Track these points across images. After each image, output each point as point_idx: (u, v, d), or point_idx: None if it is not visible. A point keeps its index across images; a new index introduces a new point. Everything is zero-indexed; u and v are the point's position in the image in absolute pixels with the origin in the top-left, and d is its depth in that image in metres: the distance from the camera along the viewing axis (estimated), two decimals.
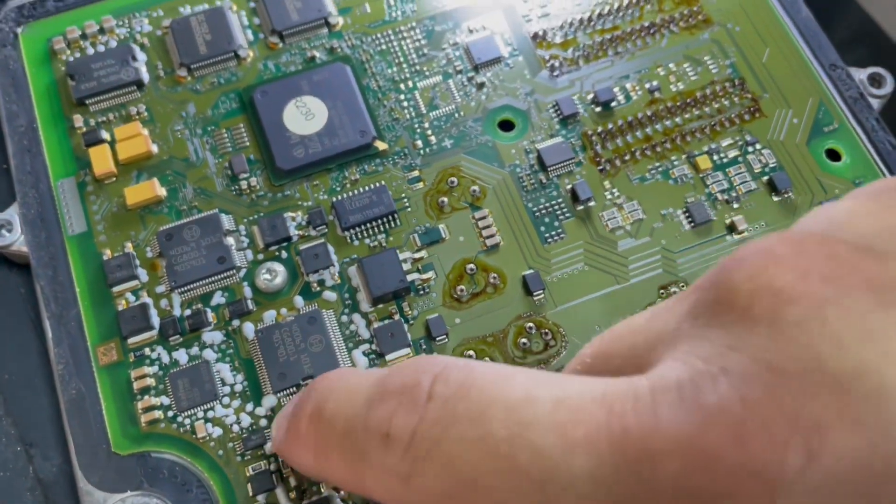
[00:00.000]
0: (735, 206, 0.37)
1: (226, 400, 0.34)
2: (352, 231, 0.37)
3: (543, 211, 0.37)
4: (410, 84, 0.40)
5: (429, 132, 0.39)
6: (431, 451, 0.23)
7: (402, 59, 0.40)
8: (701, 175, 0.38)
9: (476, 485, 0.23)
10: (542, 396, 0.23)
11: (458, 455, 0.23)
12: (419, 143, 0.39)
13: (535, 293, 0.36)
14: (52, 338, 0.35)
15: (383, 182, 0.38)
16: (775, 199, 0.37)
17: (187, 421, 0.33)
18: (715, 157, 0.38)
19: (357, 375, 0.28)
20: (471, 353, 0.35)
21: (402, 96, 0.40)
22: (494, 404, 0.23)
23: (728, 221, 0.37)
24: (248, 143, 0.39)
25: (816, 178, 0.38)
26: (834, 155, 0.39)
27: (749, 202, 0.37)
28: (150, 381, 0.34)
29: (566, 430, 0.22)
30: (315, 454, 0.28)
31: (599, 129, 0.39)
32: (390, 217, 0.37)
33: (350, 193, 0.37)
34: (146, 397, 0.34)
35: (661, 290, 0.36)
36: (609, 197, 0.37)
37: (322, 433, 0.27)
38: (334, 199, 0.37)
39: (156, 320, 0.35)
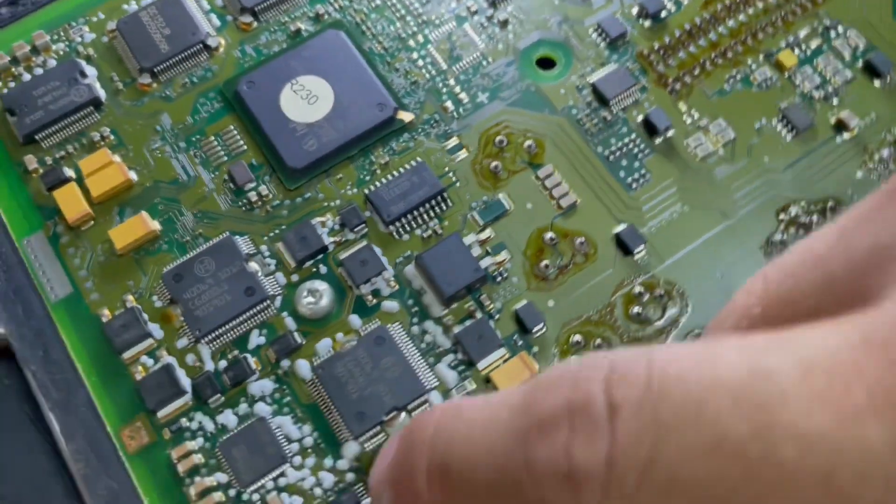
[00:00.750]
0: (835, 101, 0.31)
1: (297, 460, 0.27)
2: (397, 224, 0.30)
3: (617, 153, 0.31)
4: (421, 38, 0.33)
5: (457, 89, 0.32)
6: (645, 479, 0.17)
7: (403, 12, 0.34)
8: (787, 74, 0.32)
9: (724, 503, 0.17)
10: (774, 366, 0.17)
11: (687, 474, 0.17)
12: (449, 104, 0.32)
13: (634, 251, 0.29)
14: (60, 432, 0.28)
15: (419, 159, 0.31)
16: (877, 84, 0.32)
17: (256, 496, 0.27)
18: (797, 51, 0.32)
19: (475, 408, 0.21)
20: (578, 338, 0.28)
21: (415, 54, 0.33)
22: (712, 394, 0.17)
23: (833, 120, 0.31)
24: (245, 147, 0.32)
25: None
26: None
27: (849, 94, 0.32)
28: (198, 459, 0.27)
29: (837, 398, 0.16)
30: None
31: (656, 45, 0.33)
32: (439, 198, 0.30)
33: (384, 180, 0.31)
34: (197, 479, 0.27)
35: (781, 215, 0.30)
36: (689, 121, 0.31)
37: (457, 495, 0.21)
38: (367, 191, 0.30)
39: (186, 382, 0.28)
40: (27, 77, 0.33)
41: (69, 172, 0.31)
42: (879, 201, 0.19)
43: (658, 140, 0.31)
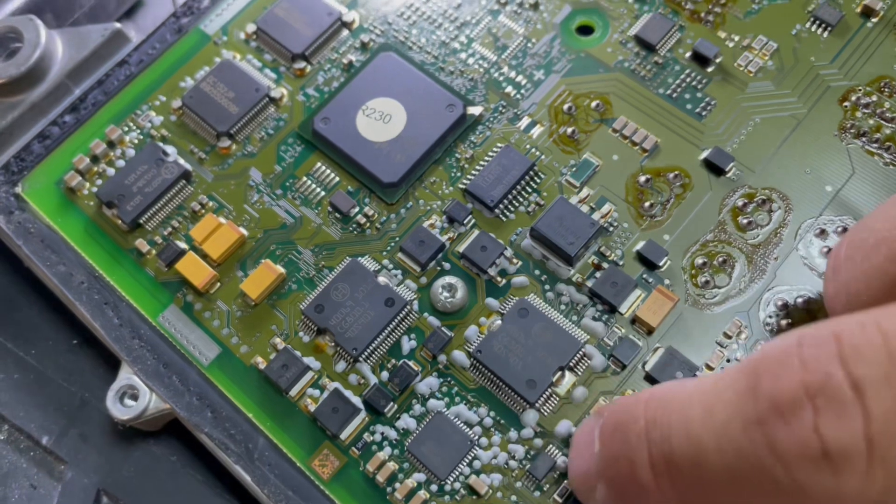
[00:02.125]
0: None
1: (483, 441, 0.28)
2: (501, 206, 0.32)
3: (678, 89, 0.33)
4: (464, 39, 0.35)
5: (512, 74, 0.34)
6: None
7: (440, 20, 0.36)
8: None
9: None
10: None
11: None
12: (509, 90, 0.34)
13: (726, 169, 0.31)
14: (253, 481, 0.29)
15: (500, 144, 0.33)
16: None
17: (458, 485, 0.28)
18: None
19: (684, 396, 0.21)
20: (702, 259, 0.30)
21: (463, 54, 0.35)
22: None
23: (858, 9, 0.33)
24: (337, 178, 0.33)
25: None
26: None
27: None
28: (393, 466, 0.28)
29: None
30: None
31: None
32: (531, 174, 0.32)
33: (474, 172, 0.32)
34: (398, 485, 0.28)
35: (845, 103, 0.32)
36: (731, 44, 0.33)
37: (689, 483, 0.21)
38: (463, 185, 0.32)
39: (356, 400, 0.29)
40: (111, 171, 0.34)
41: (182, 245, 0.32)
42: None
43: (710, 68, 0.33)
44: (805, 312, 0.29)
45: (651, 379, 0.28)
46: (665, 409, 0.21)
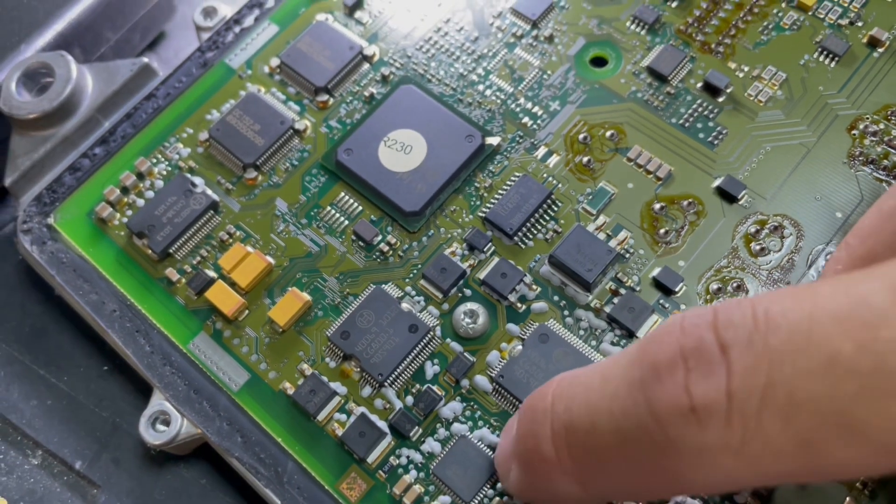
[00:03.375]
0: (860, 23, 0.35)
1: None
2: (520, 234, 0.33)
3: (690, 119, 0.34)
4: (481, 72, 0.36)
5: (529, 105, 0.35)
6: (765, 404, 0.19)
7: (458, 53, 0.37)
8: (811, 12, 0.35)
9: (844, 416, 0.18)
10: (868, 290, 0.19)
11: (805, 394, 0.18)
12: (526, 120, 0.35)
13: (738, 197, 0.32)
14: None
15: (518, 173, 0.34)
16: None
17: None
18: None
19: (588, 372, 0.23)
20: (717, 285, 0.31)
21: (481, 86, 0.36)
22: (817, 320, 0.19)
23: (865, 39, 0.35)
24: (360, 208, 0.34)
25: None
26: None
27: (870, 13, 0.35)
28: (419, 489, 0.29)
29: None
30: (582, 477, 0.23)
31: (689, 19, 0.36)
32: (549, 202, 0.33)
33: (493, 200, 0.33)
34: None
35: (853, 131, 0.33)
36: (741, 74, 0.35)
37: (585, 448, 0.22)
38: (482, 213, 0.33)
39: (382, 424, 0.30)
40: (141, 202, 0.35)
41: (211, 273, 0.33)
42: None
43: (721, 98, 0.34)
44: None
45: None
46: (570, 384, 0.23)
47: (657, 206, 0.33)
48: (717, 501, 0.28)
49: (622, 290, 0.31)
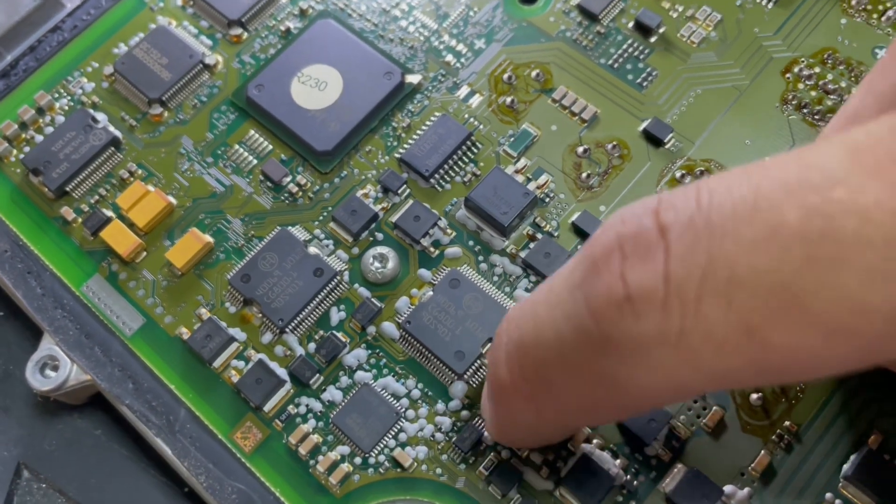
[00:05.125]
0: None
1: (410, 413, 0.28)
2: (436, 176, 0.31)
3: (620, 59, 0.32)
4: (405, 7, 0.34)
5: (453, 43, 0.33)
6: (704, 285, 0.17)
7: None
8: None
9: (789, 291, 0.16)
10: (823, 155, 0.16)
11: (747, 269, 0.16)
12: (449, 58, 0.33)
13: (664, 140, 0.31)
14: (173, 454, 0.28)
15: (438, 113, 0.32)
16: None
17: (382, 458, 0.27)
18: None
19: (539, 289, 0.22)
20: None
21: (404, 21, 0.34)
22: (763, 189, 0.17)
23: None
24: (270, 147, 0.32)
25: None
26: None
27: None
28: (316, 439, 0.27)
29: (887, 173, 0.16)
30: (535, 398, 0.21)
31: None
32: (468, 143, 0.31)
33: (411, 141, 0.31)
34: (320, 457, 0.27)
35: (787, 75, 0.31)
36: (675, 14, 0.33)
37: (534, 364, 0.21)
38: (398, 154, 0.31)
39: (281, 372, 0.28)
40: (40, 138, 0.33)
41: (108, 213, 0.31)
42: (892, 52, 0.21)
43: (653, 38, 0.33)
44: None
45: None
46: (521, 307, 0.22)
47: (580, 149, 0.31)
48: (627, 453, 0.26)
49: (539, 235, 0.30)
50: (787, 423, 0.26)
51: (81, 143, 0.32)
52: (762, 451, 0.26)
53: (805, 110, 0.31)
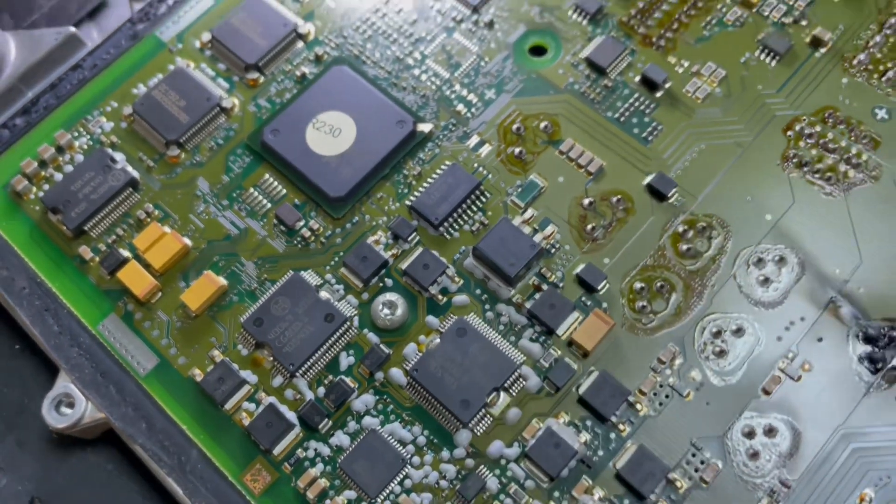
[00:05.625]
0: (804, 22, 0.34)
1: (415, 460, 0.28)
2: (445, 225, 0.32)
3: (626, 113, 0.33)
4: (418, 55, 0.35)
5: (464, 92, 0.34)
6: None
7: (395, 35, 0.36)
8: (755, 9, 0.35)
9: None
10: None
11: None
12: (460, 108, 0.34)
13: (668, 195, 0.31)
14: (184, 494, 0.29)
15: (448, 162, 0.33)
16: None
17: (388, 503, 0.28)
18: None
19: None
20: (640, 284, 0.30)
21: (417, 70, 0.35)
22: None
23: (808, 39, 0.34)
24: (284, 191, 0.33)
25: None
26: None
27: (815, 12, 0.34)
28: (324, 483, 0.28)
29: None
30: None
31: (632, 11, 0.35)
32: (477, 192, 0.32)
33: (421, 189, 0.32)
34: (328, 501, 0.28)
35: (788, 132, 0.32)
36: (681, 70, 0.34)
37: None
38: (409, 202, 0.32)
39: (291, 416, 0.29)
40: (59, 176, 0.34)
41: (125, 253, 0.32)
42: None
43: (659, 93, 0.33)
44: (738, 339, 0.29)
45: (584, 402, 0.29)
46: None
47: (586, 201, 0.32)
48: None
49: (545, 286, 0.30)
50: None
51: (100, 183, 0.33)
52: None
53: (806, 168, 0.32)
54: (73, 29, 0.37)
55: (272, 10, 0.36)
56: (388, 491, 0.28)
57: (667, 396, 0.28)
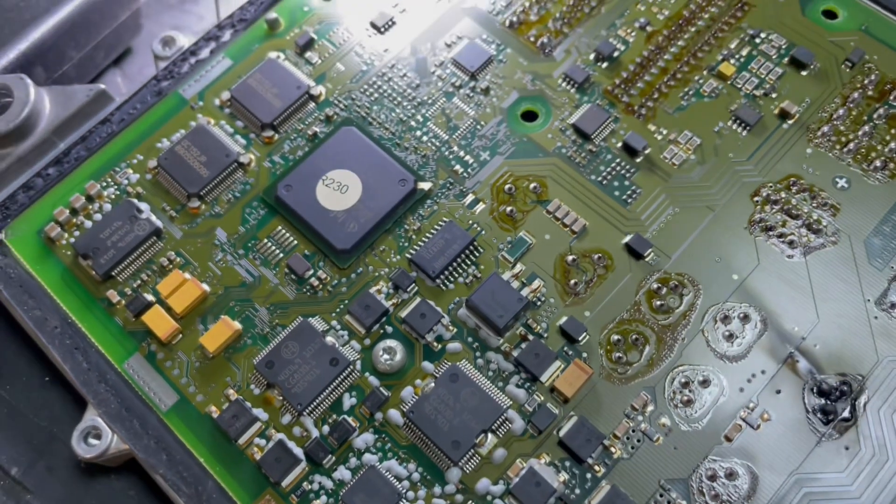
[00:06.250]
0: (774, 95, 0.37)
1: (410, 495, 0.31)
2: (442, 277, 0.35)
3: (608, 177, 0.36)
4: (420, 118, 0.39)
5: (461, 153, 0.37)
6: None
7: (399, 98, 0.39)
8: (730, 81, 0.38)
9: None
10: None
11: None
12: (458, 167, 0.37)
13: (644, 255, 0.35)
14: None
15: (445, 219, 0.36)
16: (804, 73, 0.38)
17: None
18: (732, 61, 0.38)
19: None
20: (617, 337, 0.33)
21: (419, 132, 0.38)
22: None
23: (776, 111, 0.37)
24: (295, 242, 0.36)
25: (828, 41, 0.39)
26: (831, 14, 0.39)
27: (784, 86, 0.38)
28: None
29: None
30: None
31: (616, 80, 0.38)
32: (471, 248, 0.35)
33: (420, 243, 0.35)
34: None
35: (755, 197, 0.35)
36: (659, 137, 0.37)
37: None
38: (409, 255, 0.35)
39: (298, 451, 0.32)
40: (88, 224, 0.37)
41: (149, 297, 0.35)
42: None
43: (639, 159, 0.37)
44: (704, 389, 0.32)
45: (563, 445, 0.32)
46: None
47: (570, 258, 0.35)
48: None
49: (530, 336, 0.34)
50: None
51: (127, 231, 0.36)
52: None
53: (771, 232, 0.35)
54: (102, 86, 0.40)
55: (287, 72, 0.39)
56: None
57: (638, 441, 0.32)
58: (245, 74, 0.40)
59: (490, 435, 0.32)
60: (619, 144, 0.37)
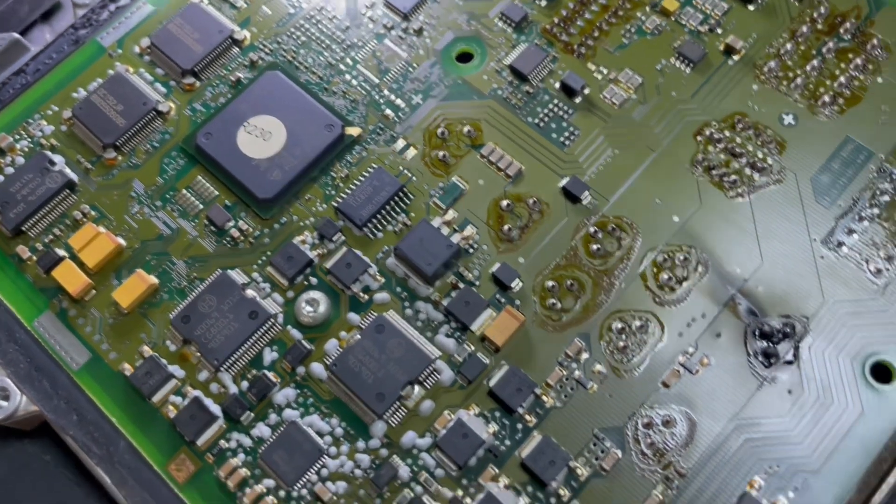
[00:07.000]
0: (719, 30, 0.36)
1: (332, 450, 0.30)
2: (369, 225, 0.33)
3: (546, 118, 0.35)
4: (349, 61, 0.37)
5: (392, 97, 0.36)
6: None
7: (328, 41, 0.37)
8: (673, 17, 0.36)
9: None
10: None
11: None
12: (389, 112, 0.35)
13: (581, 197, 0.33)
14: (112, 483, 0.30)
15: (374, 165, 0.34)
16: (751, 7, 0.36)
17: (304, 491, 0.29)
18: None
19: None
20: (552, 283, 0.32)
21: (348, 75, 0.36)
22: None
23: (721, 47, 0.35)
24: (216, 192, 0.34)
25: None
26: None
27: (730, 21, 0.36)
28: (244, 472, 0.30)
29: None
30: None
31: (555, 19, 0.36)
32: (401, 195, 0.33)
33: (348, 191, 0.34)
34: (248, 490, 0.29)
35: (698, 137, 0.34)
36: (599, 77, 0.35)
37: None
38: (335, 203, 0.33)
39: (215, 408, 0.30)
40: (0, 178, 0.35)
41: (61, 252, 0.33)
42: None
43: (578, 99, 0.35)
44: (642, 335, 0.31)
45: (493, 395, 0.30)
46: None
47: (504, 203, 0.33)
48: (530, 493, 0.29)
49: (461, 284, 0.32)
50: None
51: (38, 185, 0.34)
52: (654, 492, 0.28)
53: (714, 172, 0.33)
54: (16, 35, 0.38)
55: (209, 16, 0.37)
56: (305, 479, 0.29)
57: (572, 389, 0.30)
58: (165, 20, 0.38)
59: (417, 387, 0.30)
60: (557, 85, 0.35)
